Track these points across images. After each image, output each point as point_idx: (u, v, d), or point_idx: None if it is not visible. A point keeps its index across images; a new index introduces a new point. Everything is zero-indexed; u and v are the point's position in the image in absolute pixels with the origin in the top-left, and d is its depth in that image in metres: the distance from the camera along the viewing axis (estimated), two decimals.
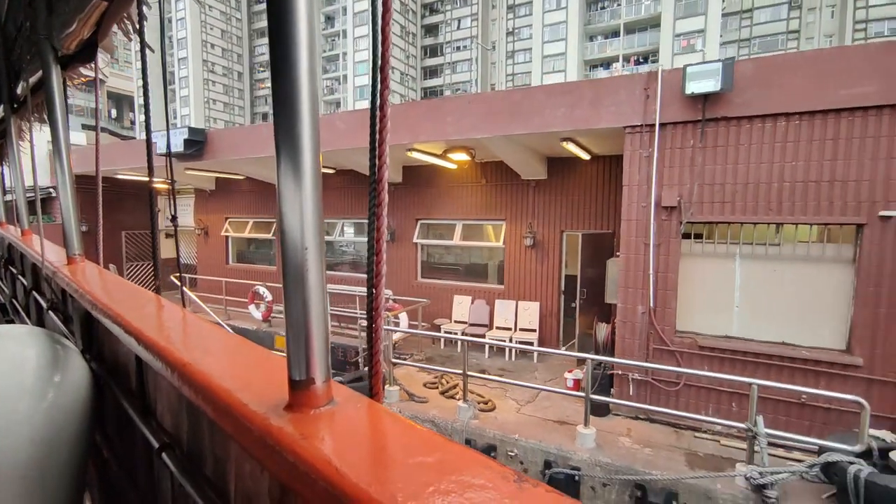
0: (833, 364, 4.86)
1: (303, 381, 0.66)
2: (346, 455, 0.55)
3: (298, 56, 0.61)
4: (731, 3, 45.63)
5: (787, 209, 4.96)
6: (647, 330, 5.63)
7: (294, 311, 0.65)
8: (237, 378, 0.80)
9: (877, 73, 4.47)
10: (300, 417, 0.65)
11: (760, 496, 4.23)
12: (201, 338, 1.08)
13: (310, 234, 0.64)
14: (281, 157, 0.61)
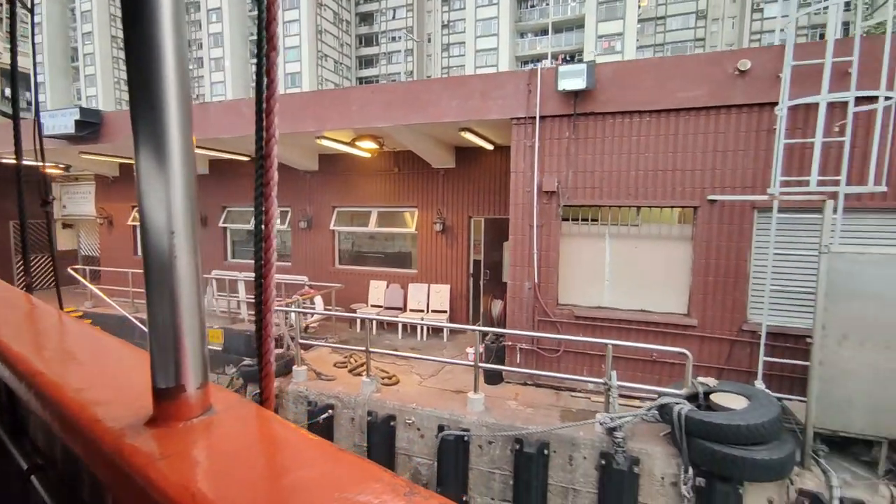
0: (677, 326, 5.73)
1: (170, 389, 0.58)
2: (215, 475, 0.50)
3: None
4: (646, 10, 49.06)
5: (642, 194, 5.74)
6: (533, 304, 6.26)
7: (157, 306, 0.58)
8: (102, 388, 0.73)
9: (704, 79, 5.30)
10: (165, 432, 0.57)
11: (612, 438, 4.95)
12: (70, 342, 0.99)
13: (179, 217, 0.56)
14: (138, 125, 0.54)
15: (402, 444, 5.91)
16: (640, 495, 4.93)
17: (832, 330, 4.33)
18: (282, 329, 6.94)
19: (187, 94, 0.56)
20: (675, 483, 4.77)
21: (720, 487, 4.55)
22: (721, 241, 5.47)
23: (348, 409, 6.19)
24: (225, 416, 0.62)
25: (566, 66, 5.56)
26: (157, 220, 0.55)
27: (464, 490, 5.60)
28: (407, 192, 9.27)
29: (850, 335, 4.30)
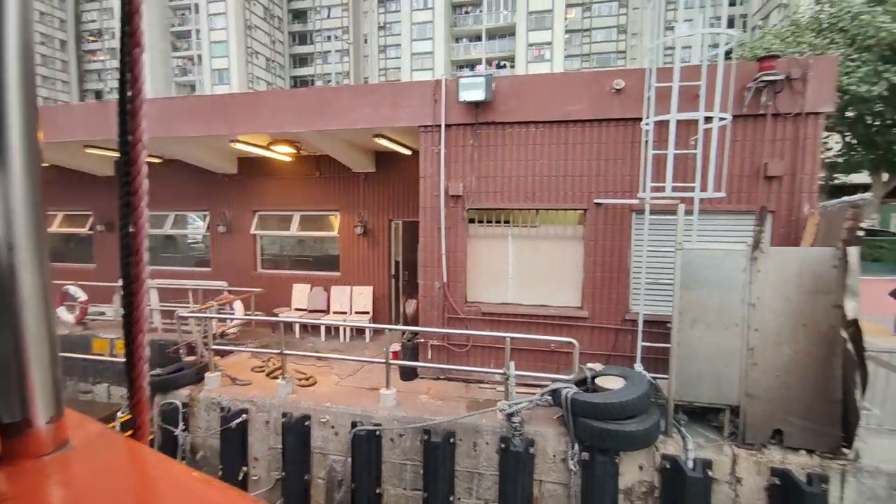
0: (571, 318, 6.31)
1: (15, 424, 0.54)
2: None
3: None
4: (573, 22, 51.82)
5: (539, 197, 6.27)
6: (443, 302, 6.61)
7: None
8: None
9: (587, 95, 5.91)
10: (12, 472, 0.53)
11: (510, 423, 5.39)
12: None
13: (20, 229, 0.52)
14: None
15: (318, 443, 6.03)
16: (535, 473, 5.40)
17: (686, 315, 5.03)
18: (193, 336, 6.78)
19: (31, 91, 0.51)
20: (565, 459, 5.29)
21: (600, 459, 5.11)
22: (606, 240, 6.10)
23: (263, 412, 6.21)
24: (84, 451, 0.56)
25: (467, 79, 5.97)
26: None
27: (377, 483, 5.83)
28: (329, 195, 9.34)
29: (699, 319, 5.02)
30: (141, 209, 0.66)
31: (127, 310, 0.67)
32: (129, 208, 0.65)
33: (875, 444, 4.95)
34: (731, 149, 5.60)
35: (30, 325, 0.52)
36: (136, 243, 0.66)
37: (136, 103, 0.63)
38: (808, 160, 5.44)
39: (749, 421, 4.96)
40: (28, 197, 0.51)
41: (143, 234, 0.68)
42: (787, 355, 4.83)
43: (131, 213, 0.65)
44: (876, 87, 9.04)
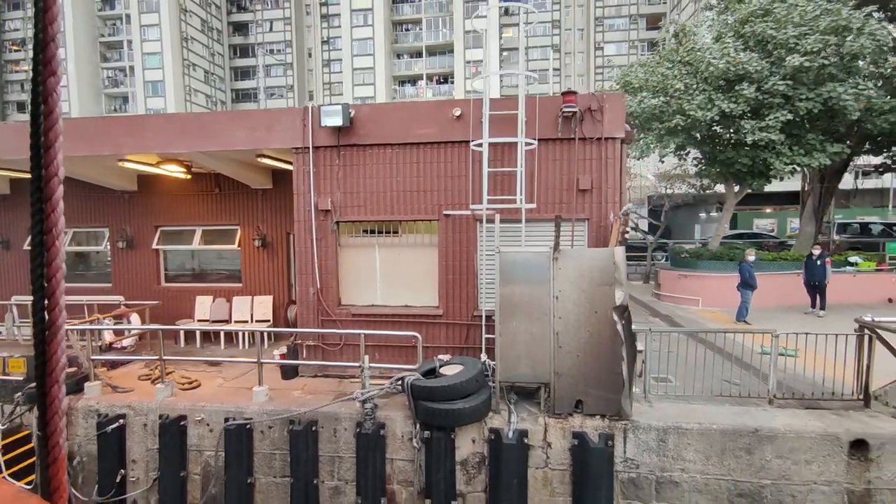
0: (431, 316, 7.14)
1: None
2: None
3: None
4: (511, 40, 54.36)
5: (398, 210, 7.09)
6: (317, 306, 7.26)
7: None
8: None
9: (434, 120, 6.82)
10: None
11: (363, 409, 6.10)
12: None
13: None
14: None
15: (194, 441, 6.49)
16: (387, 452, 6.12)
17: (505, 309, 5.96)
18: (75, 350, 7.07)
19: None
20: (411, 438, 6.04)
21: (438, 435, 5.91)
22: (456, 247, 7.00)
23: (140, 415, 6.59)
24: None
25: (327, 107, 6.74)
26: None
27: (249, 473, 6.35)
28: (229, 211, 9.80)
29: (516, 311, 5.96)
30: (56, 249, 0.61)
31: (39, 355, 0.60)
32: (43, 247, 0.61)
33: (659, 406, 6.04)
34: (553, 167, 6.65)
35: None
36: (50, 272, 0.59)
37: (51, 135, 0.59)
38: (610, 176, 6.57)
39: (557, 395, 5.92)
40: None
41: (60, 277, 0.62)
42: (584, 338, 5.84)
43: (47, 251, 0.60)
44: (709, 113, 10.63)
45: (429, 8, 47.32)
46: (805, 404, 6.04)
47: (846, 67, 10.40)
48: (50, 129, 0.59)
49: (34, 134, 0.59)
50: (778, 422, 5.56)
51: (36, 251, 0.61)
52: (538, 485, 5.83)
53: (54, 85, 0.60)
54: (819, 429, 5.41)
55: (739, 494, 5.49)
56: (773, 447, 5.44)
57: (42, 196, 0.59)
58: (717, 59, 10.53)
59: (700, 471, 5.55)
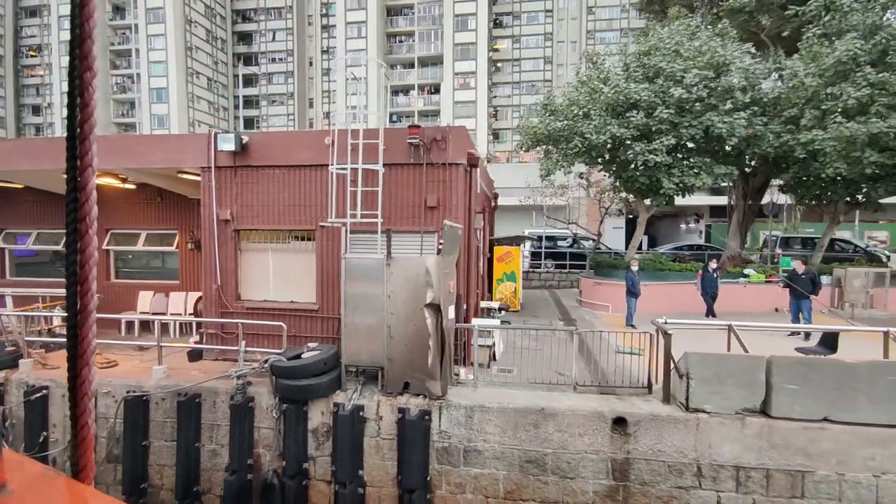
0: (310, 311, 8.43)
1: None
2: None
3: None
4: (504, 51, 55.83)
5: (284, 221, 8.41)
6: (218, 300, 8.60)
7: None
8: None
9: (313, 146, 8.14)
10: None
11: (236, 385, 7.38)
12: None
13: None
14: None
15: (102, 410, 7.83)
16: (255, 421, 7.39)
17: (349, 304, 7.22)
18: (13, 331, 8.49)
19: None
20: (272, 410, 7.32)
21: (293, 408, 7.17)
22: (329, 252, 8.28)
23: (61, 388, 7.96)
24: (24, 495, 0.54)
25: (223, 134, 8.10)
26: None
27: (145, 437, 7.67)
28: (169, 217, 11.22)
29: (358, 307, 7.21)
30: (89, 237, 0.65)
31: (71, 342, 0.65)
32: (78, 235, 0.64)
33: (482, 390, 7.23)
34: (406, 187, 7.92)
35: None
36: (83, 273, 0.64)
37: (86, 127, 0.63)
38: (453, 195, 7.82)
39: (389, 377, 7.16)
40: None
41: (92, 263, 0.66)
42: (412, 330, 7.07)
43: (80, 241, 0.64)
44: (603, 136, 11.82)
45: (422, 21, 48.93)
46: (602, 391, 7.20)
47: (723, 98, 11.53)
48: (85, 122, 0.61)
49: (70, 126, 0.60)
50: (561, 403, 6.74)
51: (70, 238, 0.63)
52: (372, 451, 7.07)
53: (90, 79, 0.61)
54: (590, 408, 6.58)
55: (528, 461, 6.66)
56: (555, 423, 6.61)
57: (77, 185, 0.60)
58: (609, 89, 11.73)
59: (498, 441, 6.74)
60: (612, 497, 6.47)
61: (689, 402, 6.37)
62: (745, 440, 6.17)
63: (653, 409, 6.55)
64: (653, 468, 6.39)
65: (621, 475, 6.46)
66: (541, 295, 17.25)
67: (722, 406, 6.28)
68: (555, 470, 6.59)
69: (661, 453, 6.38)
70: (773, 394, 6.16)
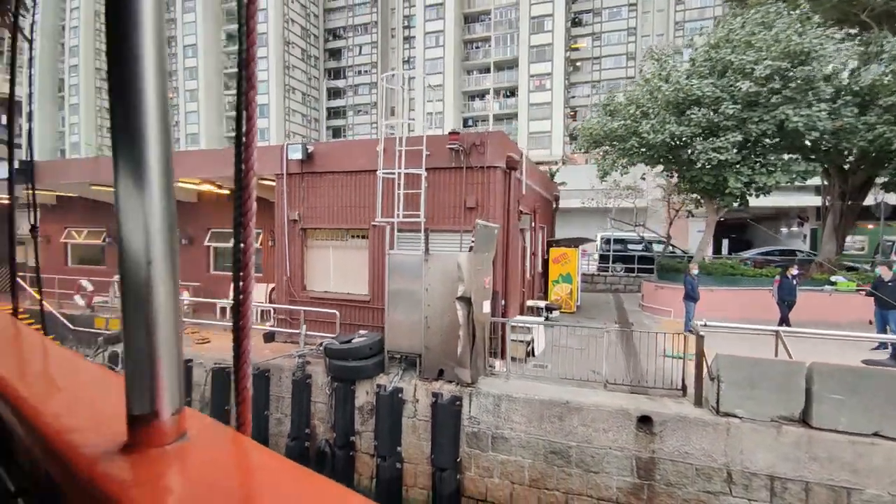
0: (363, 302, 9.35)
1: (145, 415, 0.60)
2: (196, 501, 0.52)
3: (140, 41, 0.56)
4: (584, 50, 54.34)
5: (342, 220, 9.43)
6: (287, 290, 9.87)
7: (134, 334, 0.60)
8: (79, 414, 0.75)
9: (366, 154, 9.05)
10: (139, 459, 0.59)
11: (297, 364, 8.48)
12: (52, 368, 1.04)
13: (157, 246, 0.59)
14: (119, 157, 0.57)
15: (196, 379, 9.39)
16: (312, 395, 8.43)
17: (392, 296, 7.97)
18: None
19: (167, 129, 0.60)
20: (326, 387, 8.30)
21: (342, 386, 8.09)
22: (379, 249, 9.13)
23: None
24: (199, 442, 0.62)
25: (292, 144, 9.31)
26: (135, 250, 0.57)
27: (227, 402, 9.06)
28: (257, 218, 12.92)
29: (399, 299, 7.94)
30: (250, 228, 0.74)
31: (235, 318, 0.73)
32: (241, 228, 0.73)
33: (513, 382, 7.60)
34: (447, 189, 8.53)
35: (161, 329, 0.59)
36: (244, 259, 0.73)
37: (250, 136, 0.71)
38: (491, 197, 8.28)
39: (426, 364, 7.79)
40: (164, 220, 0.59)
41: (251, 252, 0.75)
42: (447, 322, 7.64)
43: (242, 233, 0.73)
44: (661, 135, 11.46)
45: (498, 26, 49.40)
46: (633, 390, 7.20)
47: (802, 89, 10.65)
48: (249, 132, 0.70)
49: (237, 137, 0.69)
50: (587, 398, 6.89)
51: (236, 231, 0.72)
52: (409, 430, 7.74)
53: (253, 97, 0.69)
54: (616, 405, 6.66)
55: (552, 452, 6.90)
56: (580, 417, 6.79)
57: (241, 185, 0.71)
58: (669, 86, 11.39)
59: (524, 430, 7.07)
60: (636, 495, 6.50)
61: (720, 405, 6.21)
62: (780, 449, 5.88)
63: (681, 410, 6.47)
64: (679, 470, 6.31)
65: (646, 474, 6.46)
66: (603, 299, 16.88)
67: (755, 412, 6.04)
68: (579, 463, 6.76)
69: (688, 455, 6.29)
70: (814, 403, 5.81)
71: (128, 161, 0.57)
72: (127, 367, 0.61)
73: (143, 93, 0.57)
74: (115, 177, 0.57)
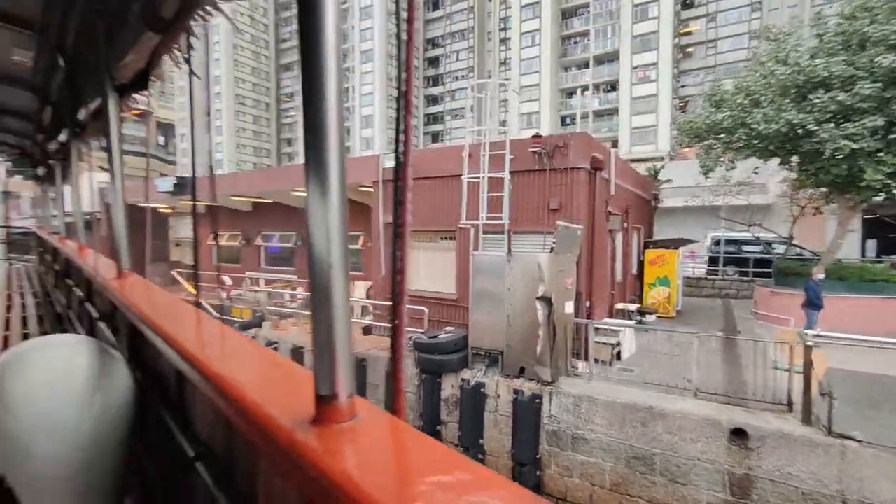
0: (450, 300, 9.88)
1: (328, 396, 0.70)
2: (369, 472, 0.58)
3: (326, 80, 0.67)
4: (696, 34, 49.71)
5: (431, 223, 10.06)
6: (384, 288, 10.78)
7: (320, 328, 0.71)
8: (267, 391, 0.86)
9: (452, 160, 9.56)
10: (325, 432, 0.68)
11: None
12: (236, 351, 1.16)
13: (335, 252, 0.70)
14: (310, 181, 0.69)
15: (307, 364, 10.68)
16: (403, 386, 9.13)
17: (476, 295, 8.35)
18: (261, 303, 12.19)
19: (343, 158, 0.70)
20: (415, 378, 8.95)
21: (430, 378, 8.67)
22: (465, 250, 9.58)
23: (286, 344, 11.16)
24: (368, 422, 0.73)
25: (386, 154, 10.17)
26: (321, 257, 0.69)
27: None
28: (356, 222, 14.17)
29: (482, 297, 8.29)
30: (405, 239, 0.82)
31: (392, 318, 0.83)
32: (398, 238, 0.82)
33: (595, 384, 7.55)
34: (530, 191, 8.71)
35: (339, 323, 0.70)
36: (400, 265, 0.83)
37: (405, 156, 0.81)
38: (575, 197, 8.28)
39: (507, 361, 8.04)
40: (340, 226, 0.70)
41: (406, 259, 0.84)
42: (528, 320, 7.81)
43: (398, 242, 0.82)
44: (775, 125, 10.31)
45: (598, 18, 47.41)
46: (728, 401, 6.72)
47: None
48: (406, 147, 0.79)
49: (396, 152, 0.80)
50: (673, 405, 6.60)
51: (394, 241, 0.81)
52: (490, 424, 8.06)
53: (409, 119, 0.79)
54: (704, 414, 6.30)
55: (635, 457, 6.74)
56: (664, 423, 6.54)
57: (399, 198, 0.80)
58: (787, 69, 10.26)
59: (605, 433, 6.99)
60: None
61: (832, 425, 5.57)
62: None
63: (784, 427, 5.91)
64: (780, 492, 5.78)
65: (741, 491, 6.02)
66: (710, 304, 15.50)
67: (878, 436, 5.32)
68: (663, 472, 6.51)
69: (791, 477, 5.74)
70: None
71: (316, 175, 0.69)
72: (315, 355, 0.72)
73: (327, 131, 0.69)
74: (307, 190, 0.70)
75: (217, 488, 1.02)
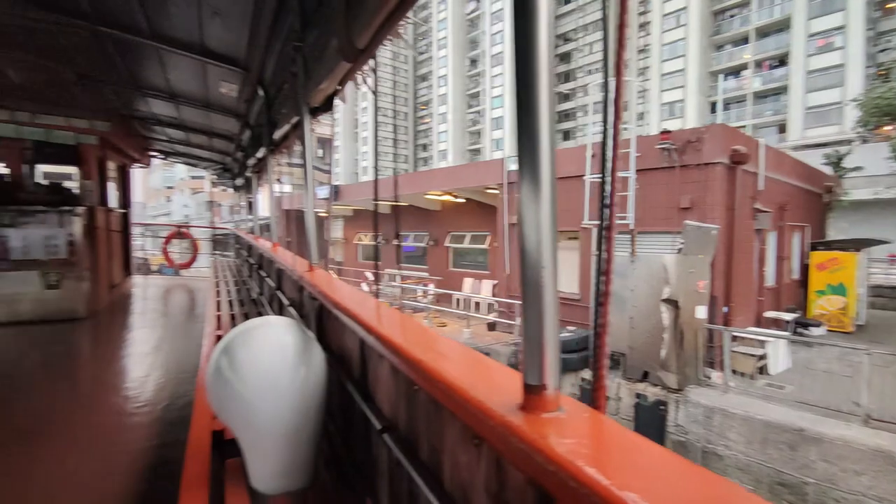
0: (573, 300, 9.88)
1: (536, 386, 0.72)
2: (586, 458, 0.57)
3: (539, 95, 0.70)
4: None
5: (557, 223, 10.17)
6: (507, 286, 11.23)
7: (531, 322, 0.73)
8: (477, 380, 0.87)
9: (577, 161, 9.53)
10: (533, 419, 0.69)
11: (512, 349, 9.65)
12: (440, 345, 1.19)
13: (546, 255, 0.73)
14: (524, 187, 0.73)
15: None
16: None
17: None
18: (397, 297, 13.62)
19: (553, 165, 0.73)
20: None
21: None
22: (587, 250, 9.51)
23: None
24: (573, 414, 0.73)
25: (510, 157, 10.56)
26: (533, 258, 0.72)
27: None
28: (483, 223, 14.89)
29: None
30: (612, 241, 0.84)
31: (595, 317, 0.86)
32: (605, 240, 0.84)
33: (731, 396, 6.97)
34: (658, 190, 8.33)
35: (548, 319, 0.72)
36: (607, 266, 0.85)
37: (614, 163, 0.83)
38: (709, 195, 7.69)
39: (629, 364, 7.82)
40: (550, 230, 0.73)
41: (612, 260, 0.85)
42: (652, 323, 7.52)
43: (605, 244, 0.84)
44: None
45: None
46: None
47: None
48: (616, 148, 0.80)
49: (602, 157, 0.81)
50: (832, 430, 5.77)
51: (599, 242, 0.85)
52: None
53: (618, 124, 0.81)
54: (873, 444, 5.41)
55: (780, 483, 6.08)
56: (819, 450, 5.78)
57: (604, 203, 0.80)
58: None
59: (742, 451, 6.43)
60: None
61: None
62: None
63: None
64: None
65: None
66: None
67: None
68: None
69: None
70: None
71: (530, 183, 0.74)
72: (525, 347, 0.73)
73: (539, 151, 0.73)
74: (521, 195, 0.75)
75: (404, 456, 1.12)
